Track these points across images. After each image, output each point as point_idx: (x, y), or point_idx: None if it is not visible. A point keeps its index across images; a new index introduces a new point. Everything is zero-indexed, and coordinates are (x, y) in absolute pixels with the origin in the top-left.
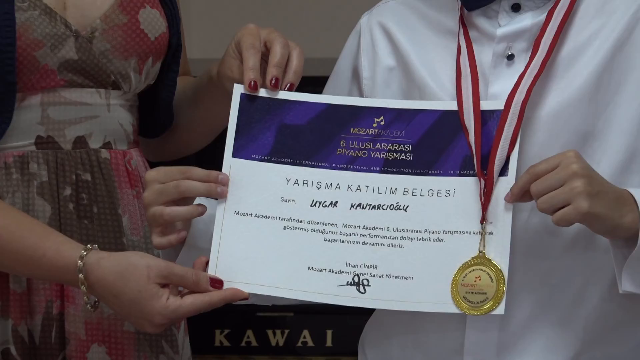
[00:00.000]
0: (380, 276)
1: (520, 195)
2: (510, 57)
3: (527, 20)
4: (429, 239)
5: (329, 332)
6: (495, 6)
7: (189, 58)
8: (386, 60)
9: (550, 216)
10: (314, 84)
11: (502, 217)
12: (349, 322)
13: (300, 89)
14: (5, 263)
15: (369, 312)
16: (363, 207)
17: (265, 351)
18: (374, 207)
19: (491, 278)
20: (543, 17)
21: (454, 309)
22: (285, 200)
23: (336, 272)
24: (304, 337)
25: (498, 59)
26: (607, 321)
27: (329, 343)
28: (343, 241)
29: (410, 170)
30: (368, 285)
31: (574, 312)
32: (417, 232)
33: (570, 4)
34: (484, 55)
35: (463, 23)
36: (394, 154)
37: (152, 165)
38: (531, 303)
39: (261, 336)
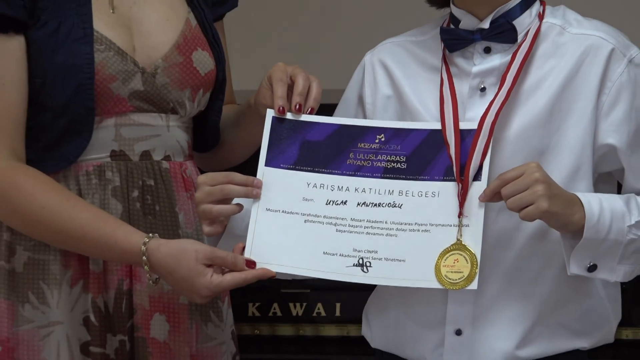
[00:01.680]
0: (380, 259)
1: (492, 196)
2: (483, 89)
3: (496, 60)
4: (418, 230)
5: (338, 305)
6: (471, 48)
7: (233, 89)
8: (385, 90)
9: (516, 213)
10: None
11: (475, 212)
12: (355, 296)
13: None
14: (86, 249)
15: (370, 288)
16: (367, 205)
17: (287, 320)
18: (375, 205)
19: (467, 260)
20: (508, 58)
21: (437, 285)
22: (306, 199)
23: (345, 256)
24: (318, 309)
25: (473, 90)
26: (558, 297)
27: (338, 313)
28: (351, 232)
29: (404, 176)
30: (370, 266)
31: (533, 290)
32: (409, 224)
33: (530, 47)
34: (462, 87)
35: (445, 61)
36: (392, 163)
37: (203, 172)
38: (498, 282)
39: (284, 308)
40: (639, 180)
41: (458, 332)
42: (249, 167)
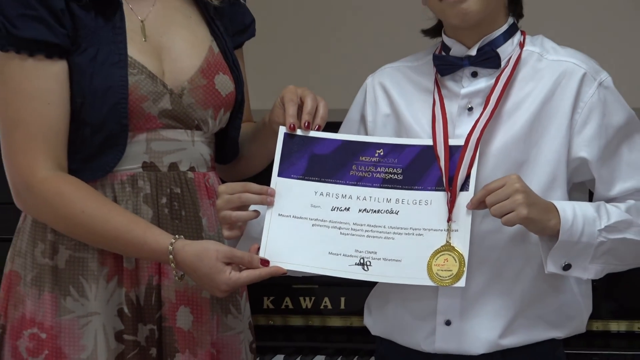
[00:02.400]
0: (379, 259)
1: (478, 204)
2: (470, 109)
3: (482, 83)
4: (413, 234)
5: (343, 299)
6: (460, 73)
7: (251, 108)
8: (384, 110)
9: (499, 219)
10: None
11: (463, 218)
12: (357, 291)
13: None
14: (120, 248)
15: (371, 284)
16: (367, 211)
17: (298, 312)
18: (375, 211)
19: (455, 260)
20: (492, 81)
21: (429, 282)
22: (314, 206)
23: (348, 256)
24: (325, 302)
25: (461, 110)
26: (536, 292)
27: (342, 306)
28: (353, 235)
29: (400, 186)
30: (370, 265)
31: (514, 286)
32: (404, 229)
33: (512, 72)
34: (452, 107)
35: (437, 84)
36: (389, 174)
37: (224, 182)
38: (483, 279)
39: (295, 302)
40: (609, 189)
41: (447, 323)
42: (264, 177)
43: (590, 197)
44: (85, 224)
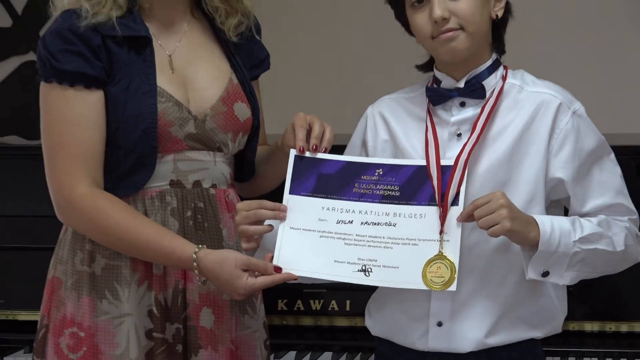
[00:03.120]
0: (379, 266)
1: (466, 218)
2: (459, 135)
3: (469, 112)
4: (409, 244)
5: (348, 301)
6: (450, 103)
7: (266, 133)
8: (382, 135)
9: (485, 231)
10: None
11: (454, 230)
12: (361, 294)
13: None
14: (150, 256)
15: (372, 288)
16: (368, 224)
17: (308, 313)
18: (375, 224)
19: (447, 267)
20: (478, 110)
21: (424, 287)
22: (321, 220)
23: (351, 264)
24: (332, 304)
25: (451, 135)
26: (518, 296)
27: (348, 308)
28: (356, 245)
29: (397, 202)
30: (371, 272)
31: (498, 291)
32: (401, 239)
33: (495, 102)
34: (443, 133)
35: (430, 113)
36: (388, 191)
37: (242, 199)
38: (471, 284)
39: (306, 304)
40: (582, 206)
41: (439, 324)
42: (277, 194)
43: (566, 213)
44: (119, 235)
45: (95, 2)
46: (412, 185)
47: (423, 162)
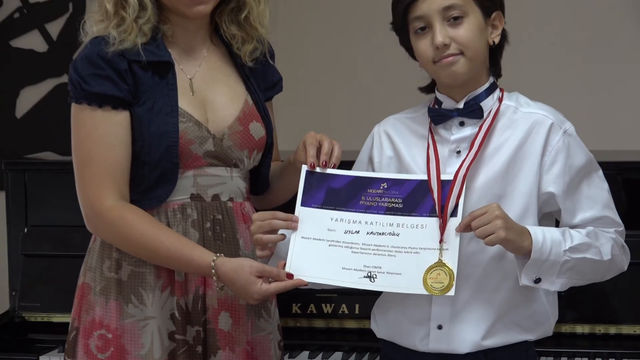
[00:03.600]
0: (383, 273)
1: (465, 228)
2: (458, 152)
3: (468, 131)
4: (411, 252)
5: (357, 305)
6: (450, 122)
7: (279, 150)
8: (388, 152)
9: (482, 240)
10: (347, 165)
11: (452, 240)
12: (368, 299)
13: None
14: (172, 264)
15: (377, 294)
16: (373, 234)
17: (320, 316)
18: (380, 233)
19: (446, 274)
20: (476, 129)
21: (424, 292)
22: (330, 230)
23: (358, 270)
24: (342, 308)
25: (451, 152)
26: (512, 302)
27: (356, 311)
28: (362, 253)
29: (401, 213)
30: (376, 278)
31: (494, 296)
32: (404, 248)
33: (492, 121)
34: (443, 150)
35: (431, 131)
36: (392, 204)
37: (257, 210)
38: (469, 290)
39: (318, 307)
40: (572, 218)
41: (439, 327)
42: (289, 206)
43: (556, 225)
44: (144, 245)
45: (122, 30)
46: (414, 198)
47: (424, 177)
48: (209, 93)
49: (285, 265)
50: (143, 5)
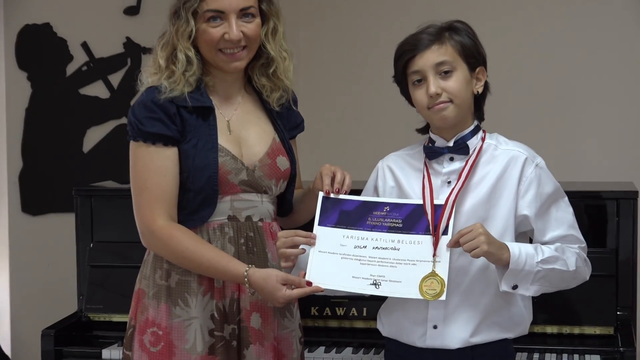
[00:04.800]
0: (386, 281)
1: (454, 244)
2: (449, 182)
3: (457, 165)
4: (409, 264)
5: (365, 308)
6: (441, 158)
7: (301, 179)
8: (390, 183)
9: (468, 254)
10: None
11: (444, 254)
12: (374, 303)
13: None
14: (212, 274)
15: (382, 299)
16: (378, 248)
17: (334, 318)
18: (383, 248)
19: (438, 283)
20: (463, 163)
21: (420, 297)
22: (342, 245)
23: (365, 279)
24: (353, 311)
25: (443, 183)
26: (495, 305)
27: (365, 314)
28: (369, 264)
29: (401, 232)
30: (380, 285)
31: (479, 301)
32: (403, 260)
33: (476, 157)
34: (436, 181)
35: (426, 165)
36: (393, 224)
37: (282, 229)
38: (458, 296)
39: (332, 310)
40: (543, 236)
41: (435, 327)
42: (308, 226)
43: (530, 241)
44: (188, 257)
45: (172, 81)
46: (412, 219)
47: (420, 202)
48: (243, 132)
49: (305, 274)
50: (190, 61)
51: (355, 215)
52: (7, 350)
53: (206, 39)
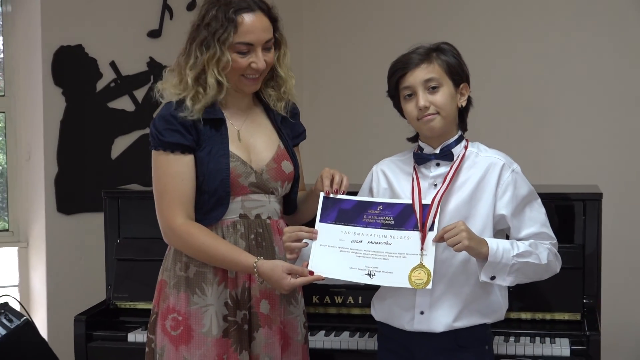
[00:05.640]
0: (379, 272)
1: (439, 239)
2: (435, 185)
3: (442, 170)
4: (399, 256)
5: (360, 297)
6: (429, 163)
7: (305, 182)
8: (383, 185)
9: (452, 248)
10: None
11: (430, 248)
12: (369, 292)
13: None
14: (225, 266)
15: (375, 287)
16: (372, 243)
17: (333, 305)
18: (377, 243)
19: (425, 273)
20: (448, 168)
21: (409, 286)
22: (340, 239)
23: (361, 270)
24: (350, 298)
25: (430, 185)
26: (475, 294)
27: (360, 302)
28: (364, 257)
29: (392, 228)
30: (374, 275)
31: (462, 290)
32: (395, 253)
33: (459, 163)
34: (424, 183)
35: (415, 170)
36: (386, 221)
37: (288, 225)
38: (443, 286)
39: (332, 298)
40: (518, 233)
41: (422, 313)
42: (311, 223)
43: (507, 238)
44: (205, 251)
45: (195, 102)
46: (402, 217)
47: (410, 202)
48: (251, 140)
49: (307, 265)
50: (221, 86)
51: (352, 213)
52: (44, 334)
53: (235, 67)
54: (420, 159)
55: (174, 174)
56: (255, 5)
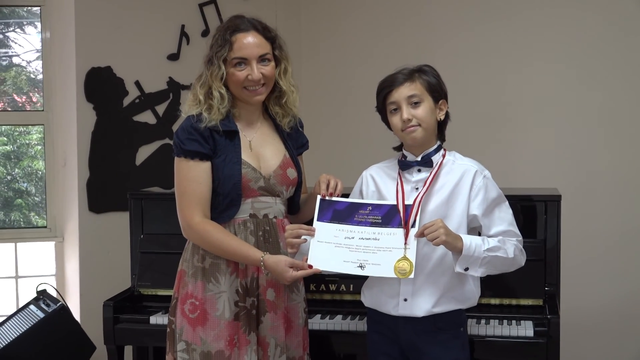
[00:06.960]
0: (369, 264)
1: (420, 235)
2: (417, 189)
3: (423, 175)
4: (386, 250)
5: (351, 285)
6: (411, 169)
7: (307, 186)
8: (372, 188)
9: (431, 243)
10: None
11: (412, 243)
12: (359, 281)
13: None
14: (236, 259)
15: (365, 277)
16: (363, 239)
17: (328, 292)
18: (367, 239)
19: (408, 265)
20: (428, 174)
21: (394, 276)
22: (335, 236)
23: (353, 262)
24: (343, 286)
25: (412, 189)
26: (452, 283)
27: (351, 289)
28: (356, 251)
29: (380, 226)
30: (365, 267)
31: (440, 280)
32: (382, 248)
33: (438, 169)
34: (407, 187)
35: (400, 175)
36: (374, 219)
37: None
38: (423, 276)
39: (327, 286)
40: (488, 231)
41: (405, 299)
42: (311, 221)
43: (479, 235)
44: (218, 246)
45: (211, 113)
46: (388, 216)
47: (395, 203)
48: (261, 150)
49: (307, 259)
50: (223, 97)
51: (345, 213)
52: (77, 317)
53: (234, 80)
54: (404, 166)
55: (193, 178)
56: (250, 25)
